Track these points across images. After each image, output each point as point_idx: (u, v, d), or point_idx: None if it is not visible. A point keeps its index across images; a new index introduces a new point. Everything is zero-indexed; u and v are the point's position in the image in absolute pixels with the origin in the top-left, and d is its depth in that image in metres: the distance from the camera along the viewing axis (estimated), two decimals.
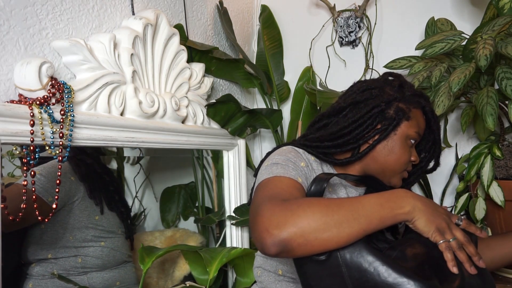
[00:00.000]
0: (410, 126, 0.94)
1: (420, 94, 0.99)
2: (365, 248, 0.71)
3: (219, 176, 1.62)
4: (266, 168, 0.88)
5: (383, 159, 0.94)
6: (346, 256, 0.71)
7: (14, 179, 1.13)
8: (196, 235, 1.65)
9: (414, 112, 0.96)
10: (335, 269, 0.71)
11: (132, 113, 1.12)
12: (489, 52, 1.01)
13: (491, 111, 1.05)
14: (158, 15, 1.20)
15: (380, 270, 0.69)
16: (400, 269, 0.69)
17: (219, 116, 1.44)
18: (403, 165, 0.95)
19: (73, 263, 1.23)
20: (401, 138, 0.94)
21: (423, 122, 0.97)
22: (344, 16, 1.65)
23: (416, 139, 0.96)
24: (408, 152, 0.95)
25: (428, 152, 1.02)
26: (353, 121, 0.94)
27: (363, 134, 0.94)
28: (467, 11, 1.45)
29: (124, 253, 1.37)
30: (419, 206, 0.73)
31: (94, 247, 1.27)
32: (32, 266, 1.21)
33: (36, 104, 0.86)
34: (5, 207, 0.84)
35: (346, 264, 0.70)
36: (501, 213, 1.19)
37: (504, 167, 1.19)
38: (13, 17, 0.91)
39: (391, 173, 0.95)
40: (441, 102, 1.16)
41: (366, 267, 0.69)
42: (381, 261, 0.69)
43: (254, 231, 0.72)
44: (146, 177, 1.79)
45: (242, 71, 1.60)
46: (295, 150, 0.94)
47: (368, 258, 0.70)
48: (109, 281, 1.30)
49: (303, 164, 0.91)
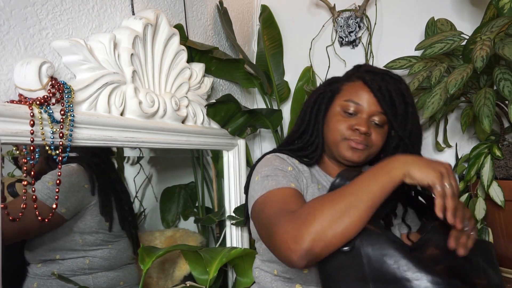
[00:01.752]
0: (340, 97, 0.98)
1: (358, 67, 1.03)
2: (387, 241, 0.72)
3: (219, 176, 1.62)
4: (258, 183, 0.90)
5: (327, 136, 0.99)
6: (368, 248, 0.72)
7: (14, 179, 1.13)
8: (196, 235, 1.65)
9: (348, 85, 0.99)
10: (357, 260, 0.72)
11: (132, 113, 1.12)
12: (485, 54, 1.01)
13: (488, 113, 1.05)
14: (158, 15, 1.20)
15: (400, 263, 0.70)
16: (420, 265, 0.69)
17: (219, 116, 1.44)
18: (339, 133, 0.96)
19: (80, 264, 1.24)
20: (334, 111, 0.98)
21: (364, 92, 0.96)
22: (344, 16, 1.65)
23: (347, 107, 0.96)
24: (341, 121, 0.96)
25: (390, 122, 0.97)
26: (300, 116, 1.02)
27: (311, 124, 1.00)
28: (467, 11, 1.45)
29: (129, 254, 1.40)
30: (410, 159, 0.74)
31: (103, 249, 1.29)
32: (38, 266, 1.21)
33: (36, 104, 0.86)
34: (4, 207, 0.84)
35: (367, 256, 0.71)
36: (501, 213, 1.19)
37: (504, 167, 1.19)
38: (13, 17, 0.91)
39: (333, 144, 0.97)
40: (431, 104, 1.15)
41: (386, 259, 0.70)
42: (402, 255, 0.70)
43: (277, 253, 0.75)
44: (146, 177, 1.79)
45: (242, 71, 1.60)
46: (278, 157, 0.97)
47: (389, 252, 0.71)
48: (114, 280, 1.31)
49: (290, 168, 0.94)
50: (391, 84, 0.95)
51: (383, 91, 0.94)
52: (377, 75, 0.97)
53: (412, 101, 0.97)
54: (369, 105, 0.95)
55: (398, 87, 0.96)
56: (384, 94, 0.94)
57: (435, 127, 1.48)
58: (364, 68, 1.02)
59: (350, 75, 1.03)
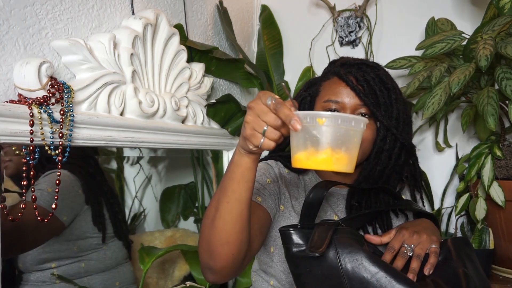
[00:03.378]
0: (320, 99, 0.94)
1: (334, 62, 0.98)
2: (367, 258, 0.70)
3: (219, 176, 1.62)
4: None
5: None
6: (347, 267, 0.69)
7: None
8: (196, 235, 1.65)
9: (325, 84, 0.95)
10: (336, 281, 0.70)
11: (132, 113, 1.12)
12: (489, 53, 1.01)
13: (492, 111, 1.05)
14: (158, 15, 1.20)
15: (383, 282, 0.67)
16: (405, 280, 0.68)
17: (219, 116, 1.44)
18: None
19: (76, 269, 1.24)
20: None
21: (341, 88, 0.90)
22: (344, 16, 1.65)
23: (328, 107, 0.91)
24: None
25: (374, 115, 0.90)
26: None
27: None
28: (468, 11, 1.45)
29: (124, 253, 1.39)
30: (242, 134, 0.66)
31: (98, 251, 1.29)
32: (33, 273, 1.20)
33: (35, 104, 0.86)
34: (4, 207, 0.84)
35: (348, 276, 0.69)
36: (501, 213, 1.19)
37: (504, 167, 1.19)
38: (12, 17, 0.91)
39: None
40: (431, 104, 1.15)
41: (368, 278, 0.68)
42: (384, 272, 0.68)
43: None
44: (146, 177, 1.79)
45: (242, 71, 1.60)
46: (267, 165, 0.94)
47: (370, 269, 0.69)
48: (109, 281, 1.30)
49: (269, 180, 0.90)
50: (368, 73, 0.90)
51: (360, 82, 0.89)
52: (352, 66, 0.92)
53: (394, 86, 0.92)
54: (349, 100, 0.89)
55: (376, 74, 0.91)
56: (362, 84, 0.89)
57: (435, 127, 1.48)
58: (339, 62, 0.97)
59: (326, 72, 0.98)
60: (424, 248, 0.77)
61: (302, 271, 0.73)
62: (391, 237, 0.81)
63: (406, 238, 0.79)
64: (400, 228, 0.82)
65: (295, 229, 0.75)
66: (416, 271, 0.74)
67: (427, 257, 0.76)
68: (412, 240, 0.78)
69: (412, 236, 0.79)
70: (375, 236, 0.82)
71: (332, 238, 0.72)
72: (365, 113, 0.90)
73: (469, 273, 0.73)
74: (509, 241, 1.19)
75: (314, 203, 0.78)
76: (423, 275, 0.74)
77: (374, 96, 0.89)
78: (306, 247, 0.72)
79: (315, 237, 0.72)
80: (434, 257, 0.76)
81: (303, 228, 0.76)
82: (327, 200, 0.96)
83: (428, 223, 0.87)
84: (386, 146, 0.91)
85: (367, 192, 0.93)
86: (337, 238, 0.73)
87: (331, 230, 0.73)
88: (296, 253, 0.74)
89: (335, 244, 0.72)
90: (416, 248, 0.77)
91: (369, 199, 0.93)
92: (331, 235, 0.72)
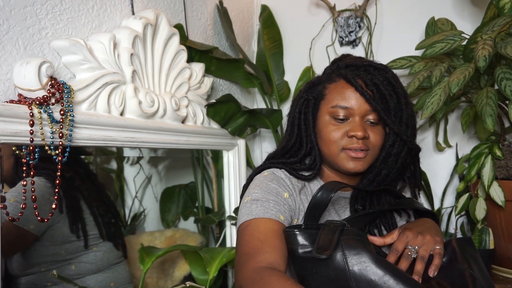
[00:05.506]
0: (326, 104, 0.89)
1: (337, 62, 0.93)
2: (374, 260, 0.69)
3: (219, 176, 1.62)
4: (246, 206, 0.84)
5: (323, 149, 0.90)
6: (354, 269, 0.69)
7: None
8: (196, 235, 1.65)
9: (330, 87, 0.90)
10: (343, 283, 0.69)
11: (132, 113, 1.12)
12: (488, 53, 1.01)
13: (490, 112, 1.05)
14: (158, 15, 1.20)
15: (391, 285, 0.67)
16: (413, 283, 0.67)
17: (219, 116, 1.44)
18: (335, 144, 0.87)
19: (67, 271, 1.21)
20: (323, 120, 0.89)
21: (349, 93, 0.87)
22: (344, 16, 1.65)
23: (336, 113, 0.87)
24: (333, 130, 0.87)
25: (384, 121, 0.88)
26: (288, 129, 0.94)
27: (303, 137, 0.92)
28: (468, 11, 1.45)
29: (117, 253, 1.36)
30: None
31: (87, 253, 1.26)
32: (24, 276, 1.18)
33: (35, 104, 0.86)
34: (4, 207, 0.84)
35: (355, 278, 0.68)
36: (501, 213, 1.19)
37: (504, 167, 1.19)
38: (12, 17, 0.91)
39: (332, 157, 0.89)
40: (431, 104, 1.15)
41: (376, 281, 0.68)
42: (391, 275, 0.68)
43: (235, 284, 0.75)
44: (146, 177, 1.79)
45: (242, 71, 1.60)
46: (276, 176, 0.89)
47: (377, 272, 0.68)
48: (103, 282, 1.28)
49: (286, 194, 0.86)
50: (376, 77, 0.86)
51: (369, 86, 0.85)
52: (359, 68, 0.88)
53: (403, 90, 0.89)
54: (359, 106, 0.85)
55: (385, 77, 0.87)
56: (371, 89, 0.85)
57: (435, 127, 1.48)
58: (343, 63, 0.92)
59: (329, 73, 0.93)
60: (428, 249, 0.77)
61: (307, 272, 0.72)
62: (394, 238, 0.81)
63: (410, 239, 0.79)
64: (403, 229, 0.82)
65: (300, 229, 0.75)
66: (421, 273, 0.73)
67: (431, 259, 0.76)
68: (416, 241, 0.78)
69: (416, 237, 0.78)
70: (378, 238, 0.82)
71: (339, 239, 0.71)
72: (374, 118, 0.87)
73: (475, 275, 0.73)
74: (509, 241, 1.19)
75: (320, 204, 0.78)
76: (427, 277, 0.74)
77: (384, 101, 0.86)
78: (312, 249, 0.72)
79: (321, 239, 0.71)
80: (439, 259, 0.75)
81: (307, 228, 0.75)
82: (331, 203, 0.95)
83: (431, 223, 0.87)
84: (394, 151, 0.89)
85: (370, 194, 0.93)
86: (344, 239, 0.72)
87: (338, 231, 0.72)
88: (302, 254, 0.73)
89: (341, 246, 0.71)
90: (420, 249, 0.77)
91: (372, 201, 0.92)
92: (337, 237, 0.71)
